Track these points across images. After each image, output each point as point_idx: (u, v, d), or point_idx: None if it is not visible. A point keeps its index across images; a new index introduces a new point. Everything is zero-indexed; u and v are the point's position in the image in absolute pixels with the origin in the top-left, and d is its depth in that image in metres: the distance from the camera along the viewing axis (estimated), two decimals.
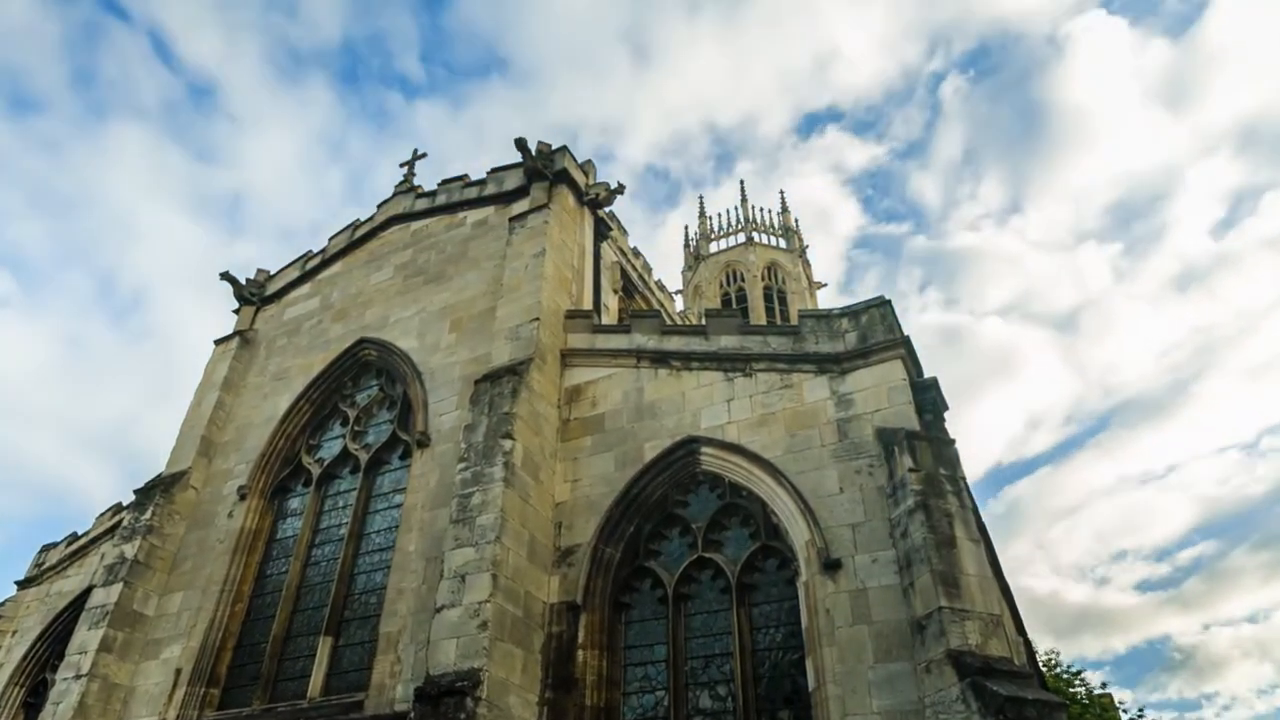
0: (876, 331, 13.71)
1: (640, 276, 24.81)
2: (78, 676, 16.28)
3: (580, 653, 13.19)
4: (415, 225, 22.09)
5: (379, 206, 23.54)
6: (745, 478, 13.59)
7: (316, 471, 18.64)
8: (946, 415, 13.25)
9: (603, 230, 21.53)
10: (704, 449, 14.21)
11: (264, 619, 17.08)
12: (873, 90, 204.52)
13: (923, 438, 11.98)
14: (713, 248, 60.94)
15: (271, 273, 24.35)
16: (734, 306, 52.48)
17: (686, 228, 65.54)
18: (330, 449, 19.07)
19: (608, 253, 21.97)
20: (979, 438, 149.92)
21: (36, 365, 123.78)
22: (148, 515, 18.59)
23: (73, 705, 15.90)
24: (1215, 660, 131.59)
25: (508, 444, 14.28)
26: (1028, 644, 16.19)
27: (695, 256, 61.05)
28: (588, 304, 19.12)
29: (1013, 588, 16.23)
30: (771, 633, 12.58)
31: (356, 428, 18.81)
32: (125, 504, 21.09)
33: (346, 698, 14.60)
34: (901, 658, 10.75)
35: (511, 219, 19.26)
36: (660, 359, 15.76)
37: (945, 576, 10.49)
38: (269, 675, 16.11)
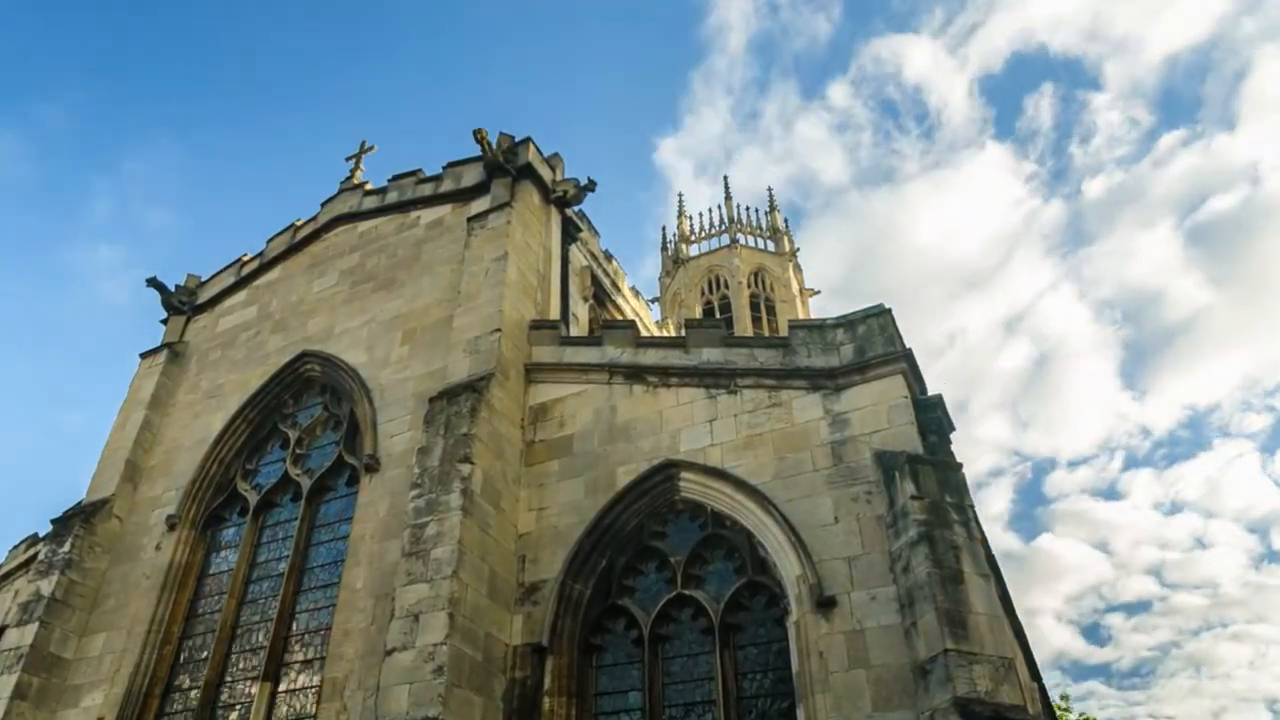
0: (875, 344, 13.66)
1: (613, 282, 24.73)
2: None
3: (546, 700, 13.08)
4: (363, 226, 21.97)
5: (323, 205, 23.40)
6: (729, 506, 13.50)
7: (254, 499, 18.38)
8: (952, 437, 13.19)
9: (571, 231, 21.46)
10: (683, 474, 14.14)
11: (196, 663, 16.83)
12: None
13: (926, 461, 11.93)
14: (693, 250, 60.85)
15: (203, 278, 24.16)
16: (717, 316, 52.44)
17: (664, 229, 65.72)
18: (269, 474, 18.83)
19: (577, 256, 21.89)
20: None
21: None
22: (66, 548, 18.30)
23: None
24: None
25: (466, 468, 14.13)
26: (1042, 690, 16.08)
27: (674, 260, 60.96)
28: (555, 313, 19.01)
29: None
30: (759, 678, 12.47)
31: (298, 451, 18.57)
32: (41, 535, 20.76)
33: None
34: (903, 705, 10.67)
35: (470, 219, 19.15)
36: (635, 374, 15.67)
37: (951, 616, 10.39)
38: None
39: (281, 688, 15.57)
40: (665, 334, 31.75)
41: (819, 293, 59.53)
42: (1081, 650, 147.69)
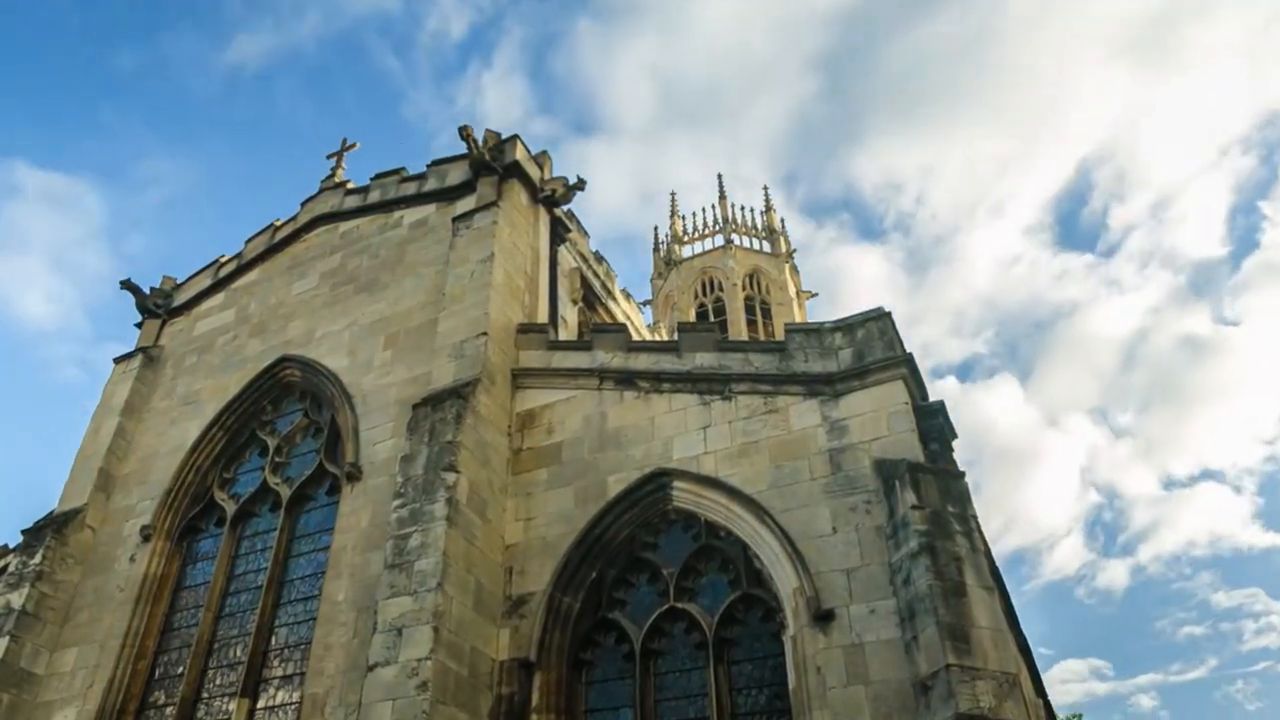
0: (875, 348, 13.59)
1: (603, 285, 24.62)
2: None
3: (534, 717, 13.06)
4: (344, 226, 21.87)
5: (303, 205, 23.30)
6: (724, 516, 13.41)
7: (231, 509, 18.25)
8: (955, 444, 13.13)
9: (560, 232, 21.38)
10: (676, 483, 14.05)
11: (171, 679, 16.73)
12: None
13: (928, 470, 11.83)
14: (686, 251, 60.74)
15: (179, 280, 24.06)
16: (711, 320, 52.36)
17: (656, 229, 65.37)
18: (247, 483, 18.69)
19: (566, 258, 21.80)
20: None
21: None
22: (37, 559, 18.18)
23: None
24: None
25: (451, 477, 14.06)
26: (1047, 705, 16.06)
27: (666, 262, 60.83)
28: (543, 316, 18.94)
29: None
30: (754, 694, 12.39)
31: (277, 459, 18.45)
32: (11, 546, 20.65)
33: None
34: None
35: (455, 219, 19.08)
36: (626, 380, 15.59)
37: (953, 630, 10.30)
38: None
39: (260, 704, 15.45)
40: (657, 338, 31.68)
41: (816, 295, 59.55)
42: (1252, 535, 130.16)
